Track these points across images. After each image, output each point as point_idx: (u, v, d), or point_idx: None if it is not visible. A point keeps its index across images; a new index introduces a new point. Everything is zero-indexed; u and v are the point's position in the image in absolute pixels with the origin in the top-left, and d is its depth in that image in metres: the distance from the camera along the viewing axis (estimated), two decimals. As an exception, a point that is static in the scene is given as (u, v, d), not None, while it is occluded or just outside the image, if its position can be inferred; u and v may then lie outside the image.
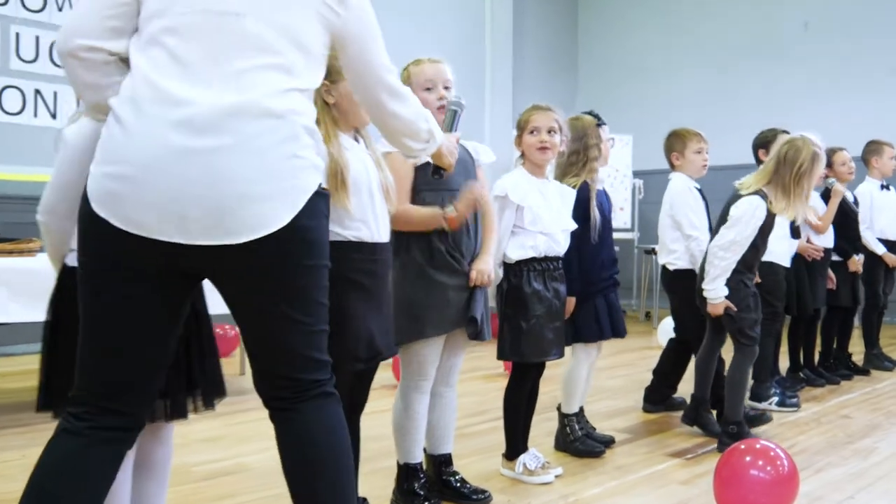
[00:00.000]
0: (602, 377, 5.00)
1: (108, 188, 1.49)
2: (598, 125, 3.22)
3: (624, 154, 7.76)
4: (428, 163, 2.39)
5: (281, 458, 1.65)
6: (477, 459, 3.18)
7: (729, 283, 3.27)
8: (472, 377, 4.72)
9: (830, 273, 4.76)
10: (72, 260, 1.84)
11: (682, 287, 3.70)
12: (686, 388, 3.84)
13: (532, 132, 2.86)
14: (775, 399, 4.11)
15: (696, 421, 3.60)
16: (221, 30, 1.52)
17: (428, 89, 2.51)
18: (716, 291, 3.27)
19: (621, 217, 7.81)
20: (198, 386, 1.94)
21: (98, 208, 1.50)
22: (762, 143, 4.42)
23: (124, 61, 1.58)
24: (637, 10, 9.45)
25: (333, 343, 2.15)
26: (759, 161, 4.53)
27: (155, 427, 1.95)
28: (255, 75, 1.52)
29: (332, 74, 2.18)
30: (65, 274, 1.86)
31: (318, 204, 1.59)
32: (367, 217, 2.21)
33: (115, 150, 1.50)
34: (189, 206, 1.47)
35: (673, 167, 3.90)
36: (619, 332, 3.24)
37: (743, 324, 3.32)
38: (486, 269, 2.54)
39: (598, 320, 3.15)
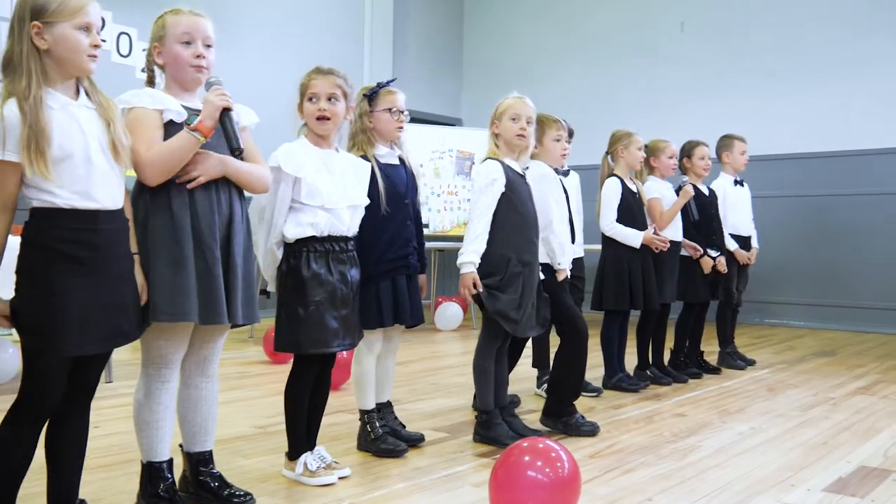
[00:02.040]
0: (449, 374, 4.80)
1: None
2: (367, 96, 2.95)
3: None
4: (181, 122, 2.19)
5: None
6: (265, 459, 2.92)
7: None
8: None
9: None
10: None
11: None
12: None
13: (311, 99, 2.61)
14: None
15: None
16: None
17: (186, 43, 2.24)
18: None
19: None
20: None
21: None
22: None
23: None
24: (522, 10, 9.42)
25: (35, 323, 1.88)
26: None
27: None
28: None
29: (46, 14, 1.88)
30: None
31: None
32: (80, 185, 1.92)
33: None
34: None
35: (531, 157, 3.68)
36: (403, 318, 2.96)
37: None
38: None
39: (380, 306, 2.88)
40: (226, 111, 2.21)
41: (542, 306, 3.25)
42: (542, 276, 3.33)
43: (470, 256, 3.06)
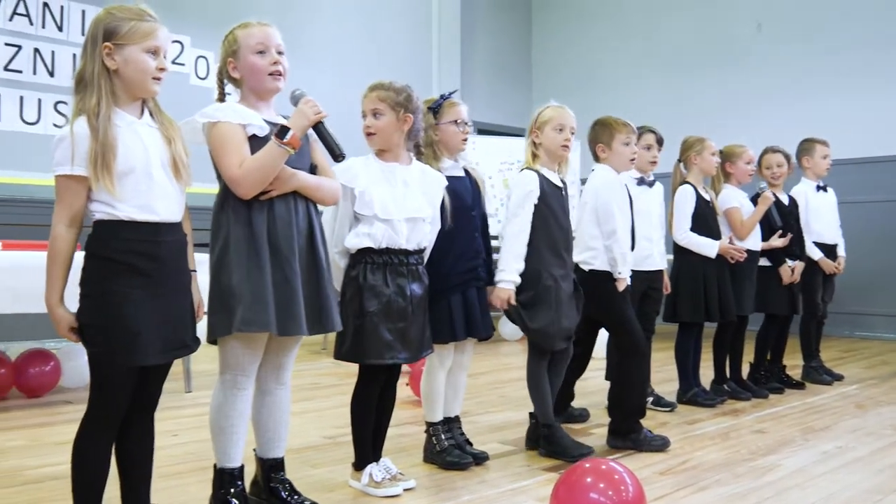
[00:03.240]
0: (517, 386, 4.75)
1: None
2: (431, 108, 2.95)
3: (572, 160, 7.49)
4: (266, 136, 2.25)
5: None
6: (334, 469, 2.95)
7: None
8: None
9: None
10: None
11: (598, 289, 3.40)
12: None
13: (363, 116, 2.68)
14: (650, 399, 4.00)
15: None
16: None
17: (260, 52, 2.31)
18: None
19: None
20: None
21: None
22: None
23: None
24: (592, 18, 9.35)
25: (99, 334, 1.95)
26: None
27: None
28: None
29: (117, 37, 1.97)
30: None
31: None
32: (142, 198, 1.99)
33: None
34: None
35: (597, 159, 3.59)
36: (476, 332, 2.96)
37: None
38: None
39: (452, 319, 2.86)
40: (319, 122, 2.28)
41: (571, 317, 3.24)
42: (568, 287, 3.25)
43: (512, 276, 3.06)
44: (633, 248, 3.55)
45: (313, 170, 2.40)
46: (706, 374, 4.43)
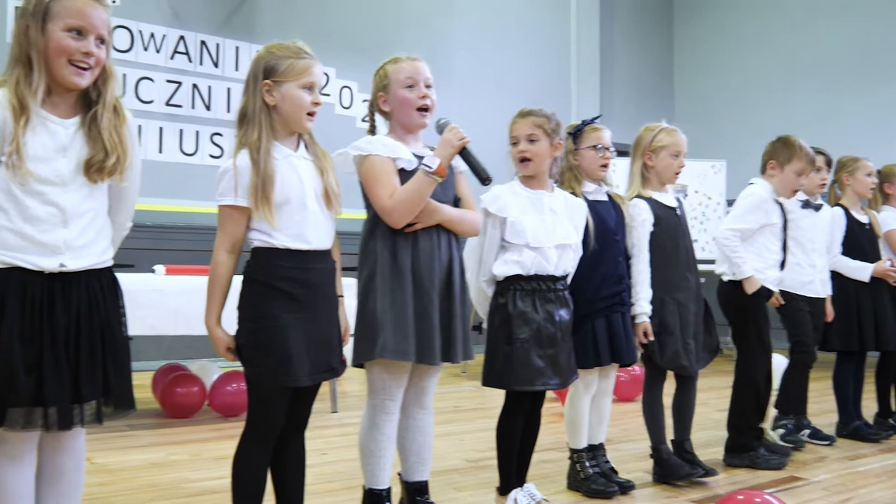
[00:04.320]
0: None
1: None
2: (571, 134, 2.94)
3: (717, 181, 7.27)
4: (414, 170, 2.32)
5: None
6: (476, 493, 2.96)
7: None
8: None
9: None
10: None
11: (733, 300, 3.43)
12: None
13: (514, 143, 2.66)
14: (807, 432, 3.82)
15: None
16: None
17: (409, 87, 2.39)
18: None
19: (714, 247, 7.31)
20: (92, 397, 1.84)
21: None
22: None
23: None
24: (735, 33, 9.04)
25: (256, 355, 2.04)
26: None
27: (54, 437, 1.86)
28: None
29: (276, 74, 2.08)
30: None
31: None
32: (296, 228, 2.08)
33: None
34: None
35: (763, 172, 3.54)
36: (621, 357, 2.91)
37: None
38: None
39: (596, 345, 2.83)
40: (464, 148, 2.33)
41: (708, 336, 3.20)
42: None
43: (645, 307, 3.02)
44: (782, 267, 3.52)
45: (457, 202, 2.44)
46: (870, 407, 4.15)
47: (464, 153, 2.35)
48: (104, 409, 1.87)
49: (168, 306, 3.84)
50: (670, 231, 3.11)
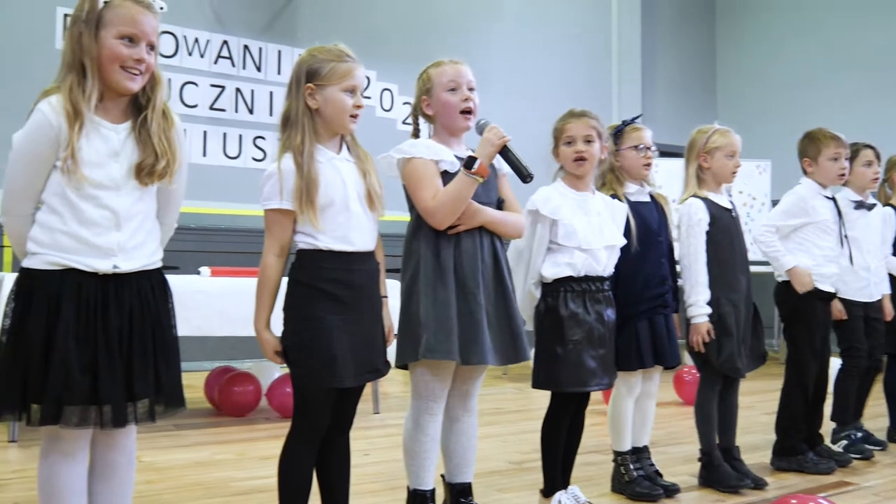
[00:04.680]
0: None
1: None
2: (612, 134, 2.92)
3: (762, 181, 7.16)
4: (456, 172, 2.32)
5: None
6: (520, 495, 2.95)
7: None
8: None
9: None
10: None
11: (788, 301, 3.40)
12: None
13: (568, 142, 2.65)
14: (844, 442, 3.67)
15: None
16: None
17: (452, 90, 2.39)
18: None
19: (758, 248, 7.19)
20: (145, 395, 1.87)
21: None
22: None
23: None
24: (781, 28, 8.88)
25: (302, 356, 2.06)
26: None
27: (107, 434, 1.90)
28: None
29: (318, 77, 2.09)
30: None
31: None
32: (340, 230, 2.10)
33: None
34: None
35: (806, 173, 3.53)
36: (664, 359, 2.88)
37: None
38: None
39: (639, 346, 2.81)
40: (505, 146, 2.33)
41: (755, 341, 3.16)
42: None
43: (704, 308, 3.01)
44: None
45: (500, 204, 2.44)
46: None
47: (504, 152, 2.35)
48: (156, 408, 1.90)
49: (214, 307, 3.89)
50: (725, 231, 3.09)
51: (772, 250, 3.39)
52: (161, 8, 1.90)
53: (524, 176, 2.35)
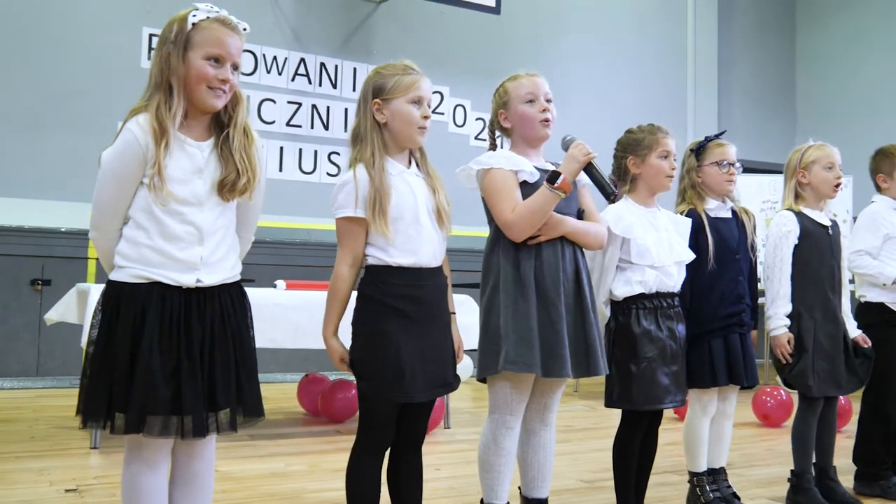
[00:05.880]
0: (786, 439, 4.41)
1: None
2: (693, 150, 2.90)
3: (843, 196, 6.93)
4: (536, 182, 2.32)
5: None
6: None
7: None
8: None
9: None
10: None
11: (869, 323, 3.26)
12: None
13: (664, 156, 2.67)
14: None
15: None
16: None
17: (530, 101, 2.39)
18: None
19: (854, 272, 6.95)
20: (226, 405, 1.92)
21: None
22: None
23: None
24: (862, 38, 8.58)
25: (368, 370, 2.08)
26: None
27: (188, 443, 1.95)
28: None
29: (384, 92, 2.12)
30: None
31: None
32: (410, 243, 2.12)
33: None
34: None
35: (879, 190, 3.46)
36: (739, 378, 2.80)
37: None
38: None
39: (713, 364, 2.74)
40: (590, 163, 2.32)
41: (851, 364, 3.04)
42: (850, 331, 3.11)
43: (782, 319, 2.96)
44: None
45: (580, 214, 2.42)
46: None
47: (589, 169, 2.34)
48: (237, 418, 1.95)
49: (288, 320, 3.96)
50: (817, 248, 3.03)
51: (870, 270, 3.30)
52: (245, 29, 1.95)
53: (608, 194, 2.34)
